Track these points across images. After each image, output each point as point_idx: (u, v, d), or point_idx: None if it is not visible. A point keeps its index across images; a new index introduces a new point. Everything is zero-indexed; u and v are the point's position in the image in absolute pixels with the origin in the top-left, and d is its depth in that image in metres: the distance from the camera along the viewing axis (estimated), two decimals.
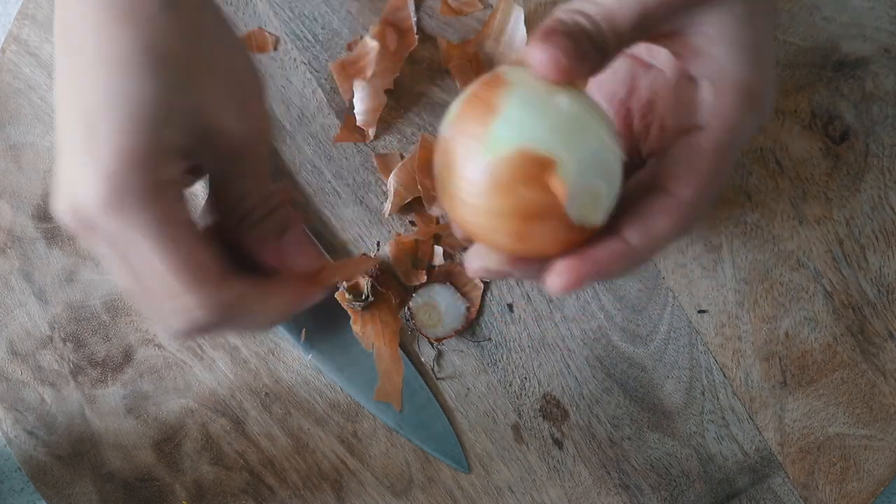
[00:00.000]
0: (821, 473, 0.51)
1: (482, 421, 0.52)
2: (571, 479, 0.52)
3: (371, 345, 0.52)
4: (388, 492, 0.53)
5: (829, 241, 0.50)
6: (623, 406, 0.51)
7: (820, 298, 0.50)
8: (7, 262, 0.54)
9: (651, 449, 0.51)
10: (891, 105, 0.49)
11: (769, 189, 0.50)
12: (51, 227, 0.54)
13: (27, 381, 0.54)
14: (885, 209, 0.50)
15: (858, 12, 0.49)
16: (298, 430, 0.53)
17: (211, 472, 0.54)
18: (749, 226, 0.50)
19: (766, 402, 0.51)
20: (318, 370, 0.53)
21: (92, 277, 0.54)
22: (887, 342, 0.50)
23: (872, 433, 0.50)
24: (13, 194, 0.54)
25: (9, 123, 0.54)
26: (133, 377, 0.54)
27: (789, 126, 0.50)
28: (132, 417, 0.54)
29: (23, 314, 0.55)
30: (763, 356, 0.51)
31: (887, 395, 0.50)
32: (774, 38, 0.49)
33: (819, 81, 0.50)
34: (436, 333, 0.51)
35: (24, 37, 0.54)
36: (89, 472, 0.54)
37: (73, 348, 0.54)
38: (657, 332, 0.51)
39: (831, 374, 0.50)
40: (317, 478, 0.53)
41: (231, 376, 0.53)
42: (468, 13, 0.52)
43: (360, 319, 0.51)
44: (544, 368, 0.52)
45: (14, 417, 0.54)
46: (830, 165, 0.50)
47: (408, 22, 0.51)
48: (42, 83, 0.54)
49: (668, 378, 0.51)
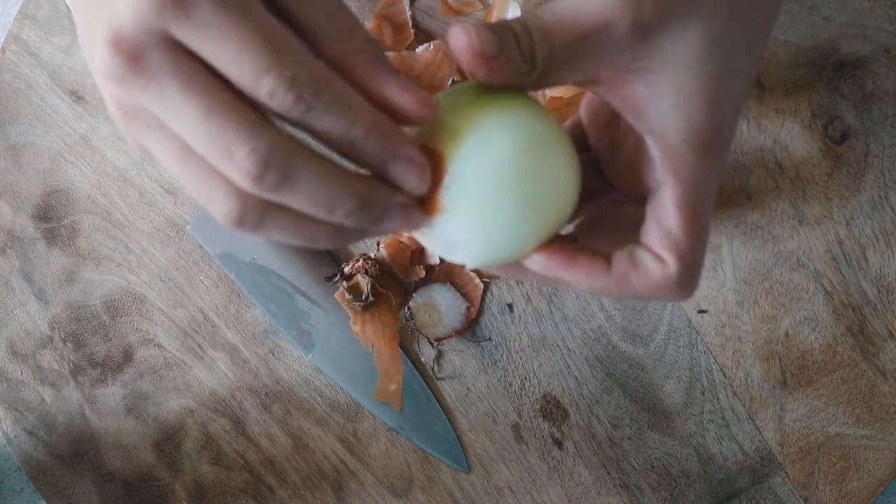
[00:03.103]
0: (821, 473, 0.51)
1: (482, 421, 0.52)
2: (571, 479, 0.52)
3: (371, 345, 0.52)
4: (388, 492, 0.53)
5: (829, 241, 0.50)
6: (623, 406, 0.51)
7: (820, 298, 0.50)
8: (7, 262, 0.54)
9: (651, 449, 0.51)
10: (891, 105, 0.49)
11: (769, 189, 0.50)
12: (51, 227, 0.54)
13: (27, 381, 0.54)
14: (885, 209, 0.50)
15: (858, 12, 0.49)
16: (298, 430, 0.53)
17: (211, 472, 0.54)
18: (749, 226, 0.50)
19: (766, 402, 0.51)
20: (318, 370, 0.53)
21: (92, 277, 0.54)
22: (887, 342, 0.50)
23: (872, 433, 0.50)
24: (13, 194, 0.54)
25: (9, 123, 0.54)
26: (133, 377, 0.54)
27: (789, 126, 0.50)
28: (132, 417, 0.54)
29: (23, 314, 0.55)
30: (763, 356, 0.51)
31: (887, 395, 0.50)
32: (772, 40, 0.49)
33: (819, 81, 0.50)
34: (436, 333, 0.51)
35: (24, 37, 0.54)
36: (89, 472, 0.54)
37: (73, 348, 0.54)
38: (657, 332, 0.51)
39: (831, 374, 0.50)
40: (317, 478, 0.53)
41: (231, 376, 0.53)
42: (468, 13, 0.52)
43: (360, 319, 0.51)
44: (544, 368, 0.52)
45: (14, 417, 0.54)
46: (830, 165, 0.50)
47: (402, 17, 0.51)
48: (42, 83, 0.54)
49: (668, 378, 0.51)
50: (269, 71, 0.26)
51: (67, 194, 0.54)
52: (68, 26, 0.53)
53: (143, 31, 0.26)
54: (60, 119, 0.54)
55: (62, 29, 0.53)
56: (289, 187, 0.27)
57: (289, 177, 0.27)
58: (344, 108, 0.27)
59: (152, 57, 0.26)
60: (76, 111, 0.54)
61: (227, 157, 0.26)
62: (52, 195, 0.54)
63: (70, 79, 0.54)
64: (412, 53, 0.50)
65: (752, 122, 0.50)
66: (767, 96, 0.50)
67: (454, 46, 0.29)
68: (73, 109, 0.54)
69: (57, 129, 0.54)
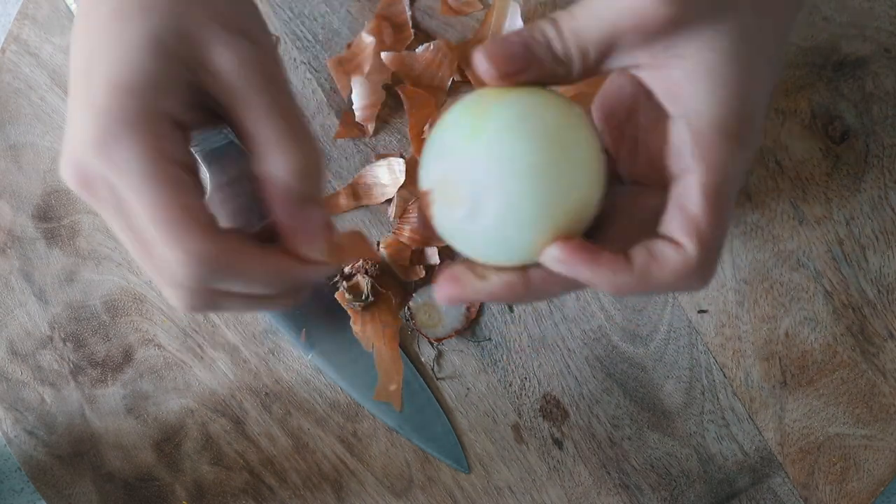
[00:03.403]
0: (821, 473, 0.51)
1: (482, 421, 0.52)
2: (571, 479, 0.52)
3: (371, 345, 0.52)
4: (388, 492, 0.53)
5: (829, 241, 0.50)
6: (623, 406, 0.51)
7: (820, 298, 0.50)
8: (7, 262, 0.54)
9: (651, 449, 0.51)
10: (891, 105, 0.49)
11: (769, 189, 0.50)
12: (51, 227, 0.54)
13: (27, 381, 0.54)
14: (885, 209, 0.50)
15: (858, 12, 0.49)
16: (298, 430, 0.53)
17: (211, 472, 0.54)
18: (749, 226, 0.50)
19: (766, 402, 0.51)
20: (318, 370, 0.53)
21: (92, 277, 0.54)
22: (887, 342, 0.50)
23: (872, 433, 0.50)
24: (13, 194, 0.54)
25: (9, 123, 0.54)
26: (133, 377, 0.54)
27: (789, 126, 0.50)
28: (132, 417, 0.54)
29: (23, 314, 0.55)
30: (763, 356, 0.51)
31: (887, 395, 0.50)
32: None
33: (819, 81, 0.50)
34: (436, 333, 0.51)
35: (24, 37, 0.54)
36: (89, 472, 0.54)
37: (73, 348, 0.54)
38: (657, 332, 0.51)
39: (831, 374, 0.50)
40: (317, 478, 0.53)
41: (231, 376, 0.53)
42: (468, 13, 0.52)
43: (360, 319, 0.51)
44: (544, 368, 0.52)
45: (14, 417, 0.54)
46: (830, 165, 0.50)
47: (402, 16, 0.51)
48: (42, 83, 0.54)
49: (668, 378, 0.51)
50: (174, 247, 0.29)
51: (67, 194, 0.54)
52: (68, 26, 0.53)
53: (87, 156, 0.29)
54: (60, 119, 0.54)
55: (62, 29, 0.53)
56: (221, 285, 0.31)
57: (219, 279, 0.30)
58: (247, 279, 0.31)
59: (100, 185, 0.29)
60: None
61: (160, 261, 0.29)
62: (52, 195, 0.54)
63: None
64: (412, 53, 0.50)
65: None
66: None
67: (482, 73, 0.30)
68: None
69: (57, 129, 0.54)
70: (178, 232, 0.29)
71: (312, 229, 0.32)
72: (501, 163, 0.30)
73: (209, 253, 0.29)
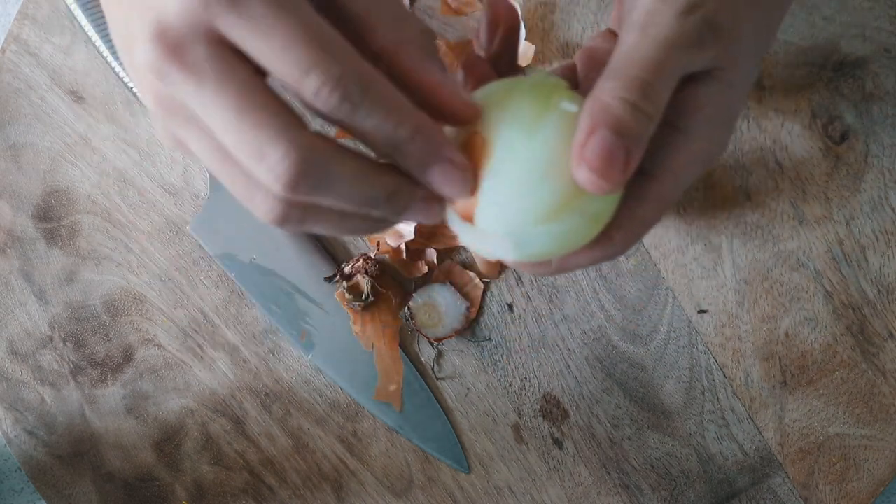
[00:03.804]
0: (821, 473, 0.51)
1: (482, 421, 0.52)
2: (571, 479, 0.52)
3: (371, 345, 0.52)
4: (388, 492, 0.53)
5: (829, 241, 0.50)
6: (623, 406, 0.51)
7: (820, 298, 0.50)
8: (7, 262, 0.54)
9: (651, 449, 0.51)
10: (891, 105, 0.49)
11: (769, 189, 0.50)
12: (51, 227, 0.54)
13: (27, 381, 0.54)
14: (885, 209, 0.50)
15: (858, 12, 0.49)
16: (298, 430, 0.53)
17: (211, 472, 0.54)
18: (749, 226, 0.50)
19: (766, 402, 0.51)
20: (318, 370, 0.53)
21: (92, 277, 0.54)
22: (887, 342, 0.50)
23: (872, 433, 0.50)
24: (13, 194, 0.54)
25: (9, 123, 0.54)
26: (133, 377, 0.54)
27: (789, 126, 0.50)
28: (132, 417, 0.54)
29: (23, 314, 0.55)
30: (763, 356, 0.51)
31: (887, 395, 0.50)
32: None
33: (819, 81, 0.50)
34: (436, 333, 0.51)
35: (24, 37, 0.54)
36: (89, 472, 0.54)
37: (73, 348, 0.54)
38: (657, 332, 0.51)
39: (831, 374, 0.50)
40: (317, 478, 0.53)
41: (231, 376, 0.53)
42: (468, 13, 0.52)
43: (360, 319, 0.51)
44: (544, 368, 0.52)
45: (14, 417, 0.54)
46: (830, 165, 0.50)
47: None
48: (42, 83, 0.54)
49: (668, 378, 0.51)
50: (315, 68, 0.26)
51: (67, 194, 0.54)
52: (68, 26, 0.53)
53: (188, 25, 0.26)
54: (60, 119, 0.54)
55: (62, 29, 0.53)
56: (321, 192, 0.27)
57: (321, 182, 0.27)
58: (390, 110, 0.27)
59: (195, 50, 0.26)
60: (76, 111, 0.54)
61: (258, 160, 0.26)
62: (52, 195, 0.54)
63: (70, 79, 0.54)
64: None
65: (752, 122, 0.50)
66: (767, 96, 0.50)
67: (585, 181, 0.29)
68: (73, 109, 0.54)
69: (57, 129, 0.54)
70: (291, 124, 0.26)
71: (453, 81, 0.29)
72: (527, 158, 0.29)
73: (316, 146, 0.26)
